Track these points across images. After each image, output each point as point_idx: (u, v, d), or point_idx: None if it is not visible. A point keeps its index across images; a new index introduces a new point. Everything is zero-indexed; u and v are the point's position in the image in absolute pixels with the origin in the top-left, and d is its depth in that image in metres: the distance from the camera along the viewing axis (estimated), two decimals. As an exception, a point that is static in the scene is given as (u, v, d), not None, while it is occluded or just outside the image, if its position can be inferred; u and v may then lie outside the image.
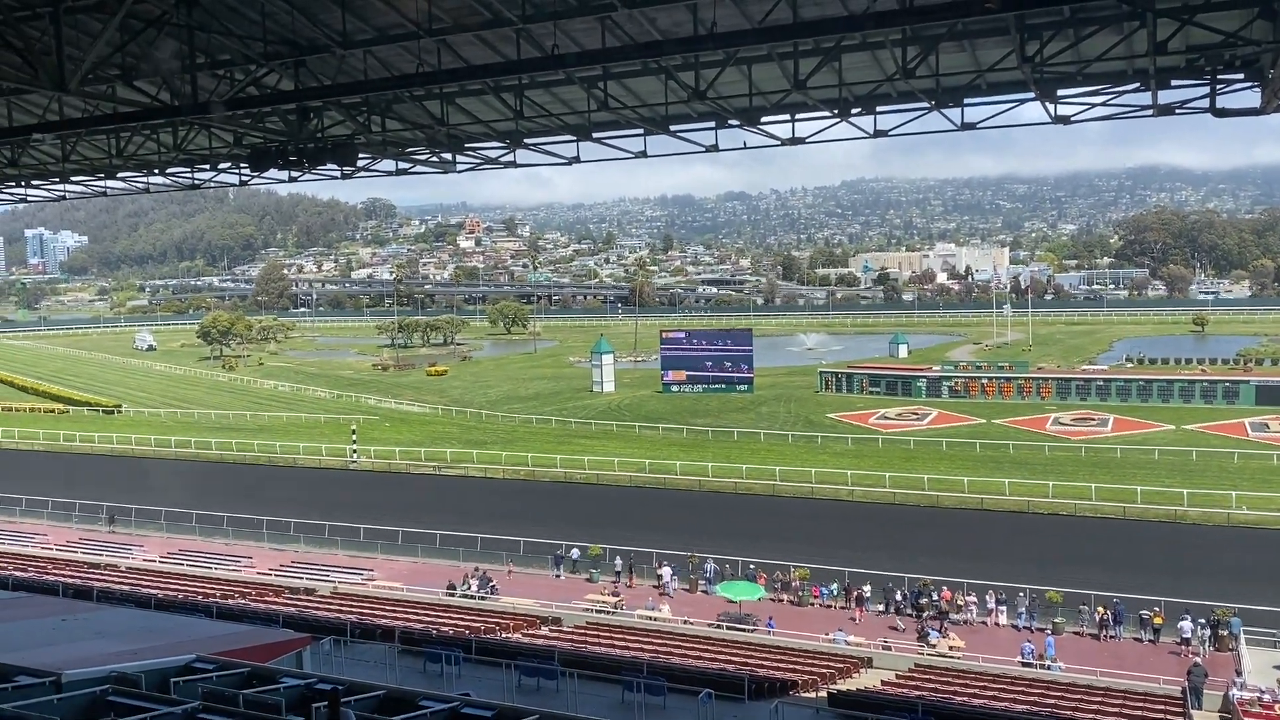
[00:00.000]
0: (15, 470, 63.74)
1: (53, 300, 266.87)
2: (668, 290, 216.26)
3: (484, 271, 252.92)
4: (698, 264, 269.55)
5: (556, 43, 16.06)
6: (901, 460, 57.89)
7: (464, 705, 13.35)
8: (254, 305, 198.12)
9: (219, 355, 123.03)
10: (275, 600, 36.47)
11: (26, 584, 34.48)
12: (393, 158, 24.29)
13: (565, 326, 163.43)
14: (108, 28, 15.08)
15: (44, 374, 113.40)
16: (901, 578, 37.28)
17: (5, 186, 30.87)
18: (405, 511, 49.16)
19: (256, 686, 13.82)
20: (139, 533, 49.47)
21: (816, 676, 27.79)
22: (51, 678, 13.35)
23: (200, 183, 28.87)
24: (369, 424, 75.39)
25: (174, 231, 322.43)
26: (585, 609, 36.65)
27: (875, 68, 18.26)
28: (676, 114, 20.28)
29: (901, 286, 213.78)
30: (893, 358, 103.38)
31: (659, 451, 62.34)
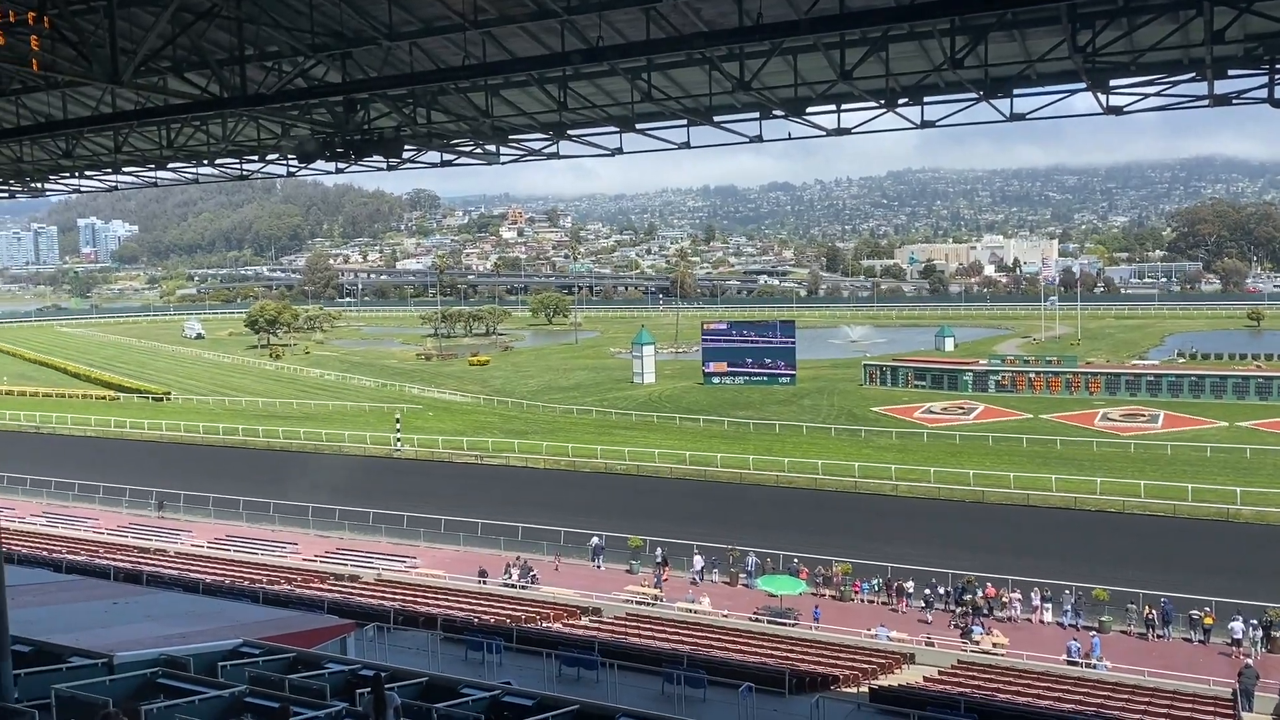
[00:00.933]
0: (68, 455, 65.09)
1: (104, 288, 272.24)
2: (709, 281, 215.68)
3: (526, 262, 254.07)
4: (740, 255, 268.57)
5: (601, 34, 16.02)
6: (947, 455, 57.31)
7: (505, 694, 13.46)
8: (300, 295, 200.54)
9: (266, 344, 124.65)
10: (320, 586, 36.96)
11: (79, 567, 35.26)
12: (438, 149, 24.42)
13: (606, 317, 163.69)
14: (160, 20, 15.29)
15: (96, 361, 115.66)
16: (945, 573, 36.94)
17: (59, 177, 31.48)
18: (447, 500, 49.56)
19: (302, 671, 14.03)
20: (187, 518, 50.35)
21: (858, 672, 27.65)
22: (104, 659, 13.64)
23: (248, 173, 29.23)
24: (412, 413, 76.03)
25: (222, 221, 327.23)
26: (625, 600, 36.76)
27: (923, 58, 18.03)
28: (720, 105, 20.18)
29: (948, 279, 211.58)
30: (939, 351, 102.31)
31: (700, 443, 62.25)
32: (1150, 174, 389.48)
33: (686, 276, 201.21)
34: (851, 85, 17.70)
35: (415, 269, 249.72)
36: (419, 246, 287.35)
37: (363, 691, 12.96)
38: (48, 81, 20.85)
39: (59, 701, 11.83)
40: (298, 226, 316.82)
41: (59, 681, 12.34)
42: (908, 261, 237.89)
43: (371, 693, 12.16)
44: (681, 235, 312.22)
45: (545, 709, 12.72)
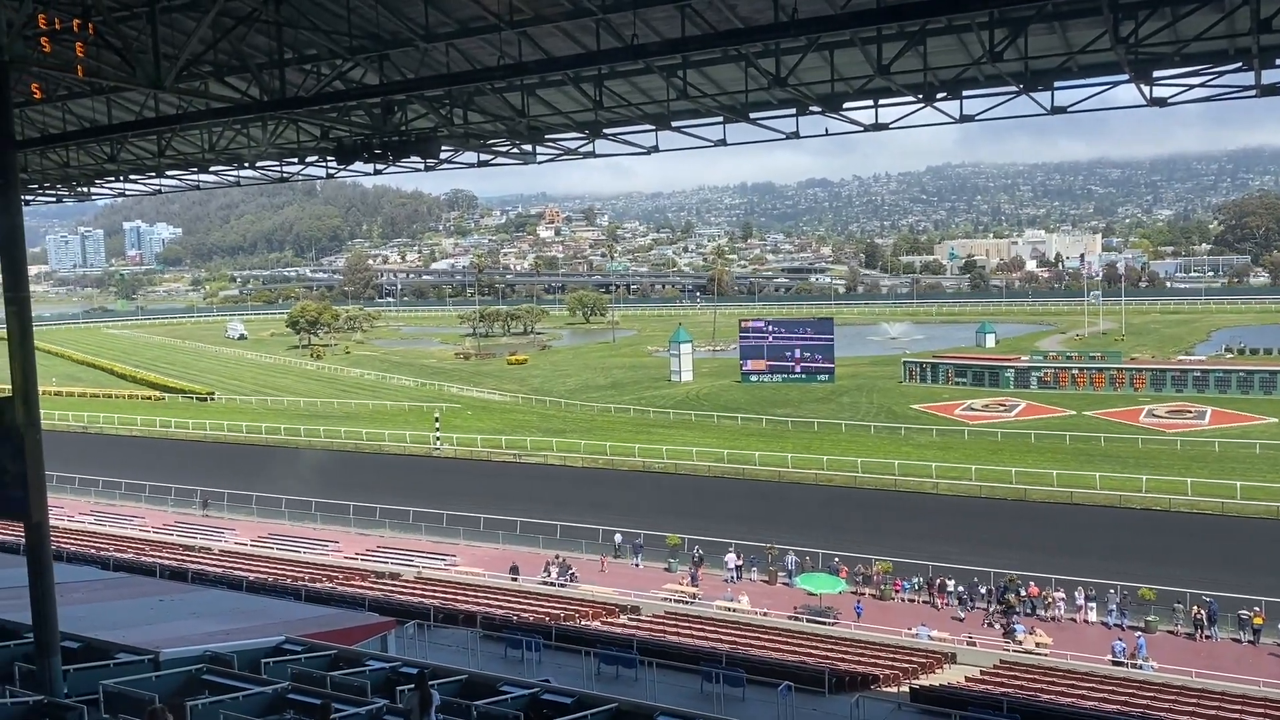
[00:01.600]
0: (115, 455, 66.23)
1: (149, 290, 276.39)
2: (747, 279, 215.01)
3: (563, 261, 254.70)
4: (778, 252, 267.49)
5: (636, 32, 16.00)
6: (988, 453, 56.72)
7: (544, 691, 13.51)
8: (340, 295, 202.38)
9: (307, 344, 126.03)
10: (361, 584, 37.31)
11: (126, 565, 35.87)
12: (474, 150, 24.53)
13: (643, 316, 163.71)
14: (201, 25, 15.49)
15: (141, 362, 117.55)
16: (987, 572, 36.60)
17: (105, 181, 32.02)
18: (486, 498, 49.83)
19: (343, 668, 14.17)
20: (231, 516, 51.03)
21: (898, 671, 27.44)
22: (150, 655, 13.86)
23: (289, 175, 29.55)
24: (451, 411, 76.53)
25: (264, 223, 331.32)
26: (664, 599, 36.75)
27: (961, 51, 17.82)
28: (757, 101, 20.07)
29: (989, 274, 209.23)
30: (979, 347, 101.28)
31: (738, 441, 62.08)
32: (1196, 166, 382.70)
33: (724, 274, 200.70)
34: (889, 80, 17.54)
35: (453, 269, 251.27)
36: (457, 246, 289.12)
37: (404, 689, 13.06)
38: (93, 87, 21.24)
39: (107, 697, 12.04)
40: (337, 228, 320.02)
41: (107, 677, 12.55)
42: (948, 257, 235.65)
43: (416, 690, 12.25)
44: (719, 233, 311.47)
45: (584, 707, 12.75)
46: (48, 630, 12.53)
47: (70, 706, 11.68)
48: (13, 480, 12.19)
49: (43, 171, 29.67)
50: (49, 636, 12.52)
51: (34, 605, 12.57)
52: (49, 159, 28.42)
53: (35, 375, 12.49)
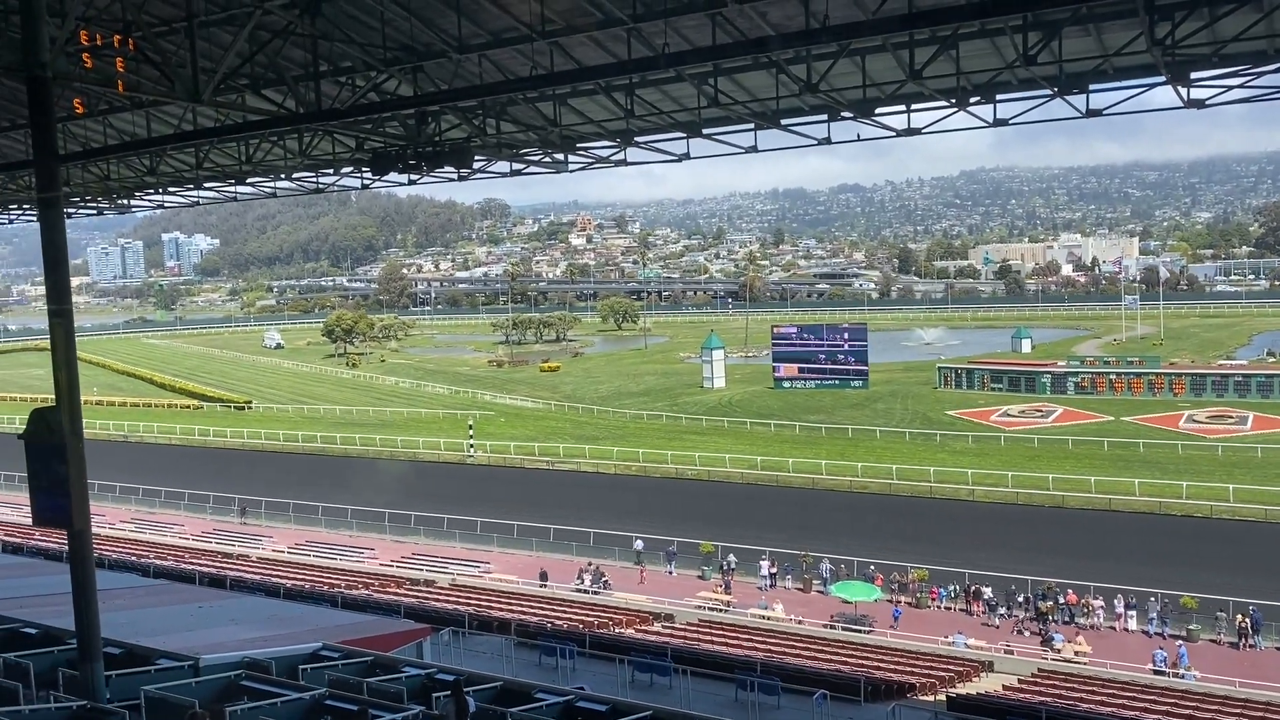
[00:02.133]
0: (155, 463, 67.08)
1: (188, 301, 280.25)
2: (779, 285, 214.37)
3: (595, 268, 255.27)
4: (810, 258, 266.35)
5: (667, 41, 16.06)
6: (1025, 459, 56.14)
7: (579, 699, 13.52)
8: (376, 304, 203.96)
9: (343, 353, 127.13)
10: (396, 591, 37.53)
11: (166, 572, 36.32)
12: (507, 159, 24.71)
13: (675, 322, 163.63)
14: (237, 39, 15.75)
15: (180, 371, 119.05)
16: (1024, 580, 36.19)
17: (145, 194, 32.56)
18: (519, 505, 49.96)
19: (379, 675, 14.26)
20: (268, 524, 51.51)
21: (935, 680, 27.20)
22: (190, 661, 14.02)
23: (324, 186, 29.89)
24: (485, 419, 76.89)
25: (300, 233, 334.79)
26: (697, 606, 36.68)
27: (995, 55, 17.72)
28: (788, 108, 20.08)
29: (1024, 279, 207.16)
30: (1015, 353, 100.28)
31: (771, 448, 61.87)
32: (1235, 168, 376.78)
33: (756, 280, 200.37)
34: (921, 85, 17.48)
35: (486, 277, 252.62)
36: (490, 255, 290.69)
37: (439, 695, 13.13)
38: (132, 102, 21.63)
39: (148, 702, 12.19)
40: (372, 237, 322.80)
41: (147, 683, 12.72)
42: (982, 262, 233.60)
43: (451, 696, 12.32)
44: (750, 239, 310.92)
45: (619, 715, 12.75)
46: (90, 636, 12.73)
47: (112, 712, 11.85)
48: (56, 488, 12.41)
49: (84, 184, 30.21)
50: (91, 642, 12.72)
51: (77, 611, 12.77)
52: (90, 172, 28.94)
53: (78, 385, 12.71)
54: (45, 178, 12.91)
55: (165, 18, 17.01)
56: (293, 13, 16.40)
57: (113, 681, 12.82)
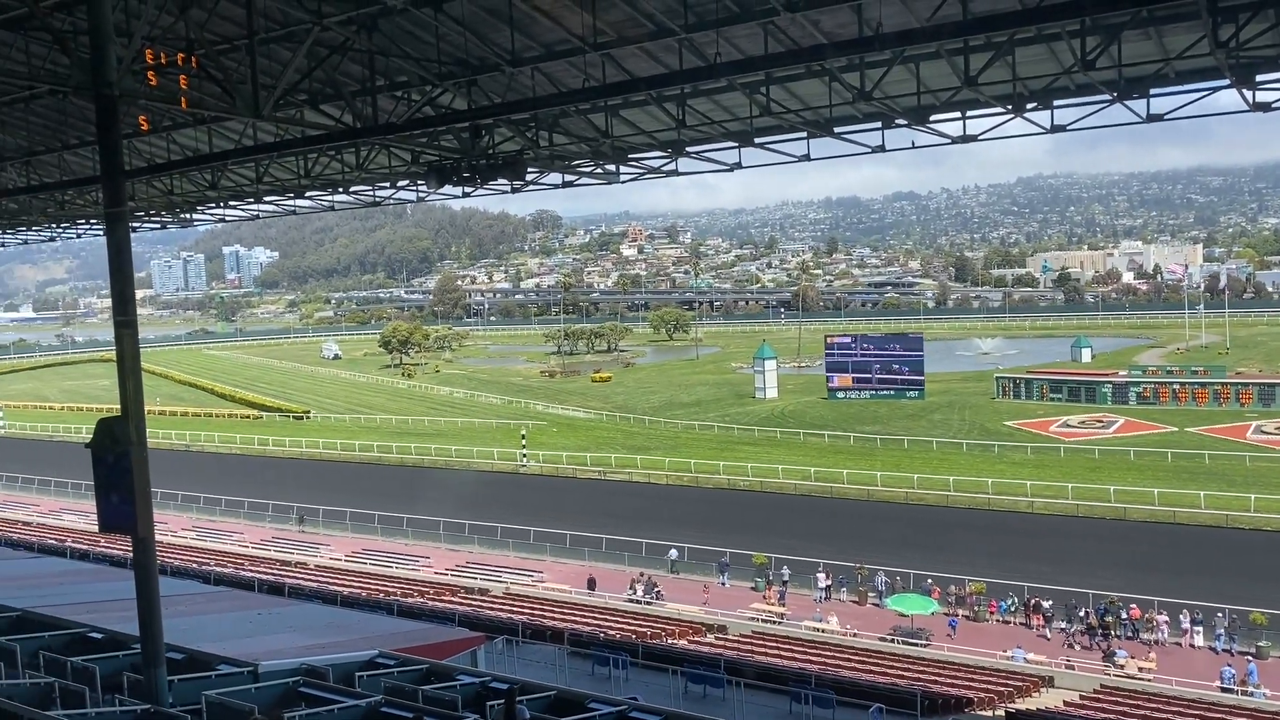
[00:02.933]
0: (216, 472, 68.36)
1: (248, 312, 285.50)
2: (833, 294, 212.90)
3: (646, 279, 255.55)
4: (864, 266, 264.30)
5: (719, 51, 16.06)
6: (1085, 470, 55.06)
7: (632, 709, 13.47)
8: (431, 315, 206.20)
9: (399, 363, 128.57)
10: (451, 599, 37.81)
11: (226, 579, 36.95)
12: (559, 171, 24.87)
13: (727, 332, 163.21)
14: (296, 55, 16.05)
15: (240, 382, 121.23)
16: (1085, 593, 35.46)
17: (206, 207, 33.28)
18: (572, 515, 50.09)
19: (435, 683, 14.34)
20: (326, 532, 52.21)
21: (993, 694, 26.75)
22: (249, 668, 14.22)
23: (381, 199, 30.31)
24: (537, 429, 77.24)
25: (357, 246, 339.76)
26: (750, 618, 36.46)
27: (1052, 61, 17.47)
28: (841, 115, 19.95)
29: (1084, 287, 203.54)
30: (1075, 362, 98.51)
31: (825, 459, 61.36)
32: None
33: (809, 290, 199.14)
34: (977, 91, 17.27)
35: (539, 288, 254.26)
36: (542, 266, 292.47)
37: (493, 704, 13.18)
38: (195, 118, 22.14)
39: (209, 707, 12.39)
40: (427, 249, 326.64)
41: (208, 688, 12.92)
42: (1041, 270, 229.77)
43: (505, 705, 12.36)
44: (803, 248, 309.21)
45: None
46: (153, 642, 12.98)
47: (175, 716, 12.05)
48: (122, 496, 12.68)
49: (149, 199, 30.95)
50: (155, 648, 12.97)
51: (141, 617, 13.02)
52: (154, 187, 29.65)
53: (142, 395, 12.98)
54: (112, 193, 13.24)
55: (227, 35, 17.41)
56: (350, 29, 16.69)
57: (175, 686, 13.05)
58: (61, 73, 18.02)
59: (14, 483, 66.65)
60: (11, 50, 18.11)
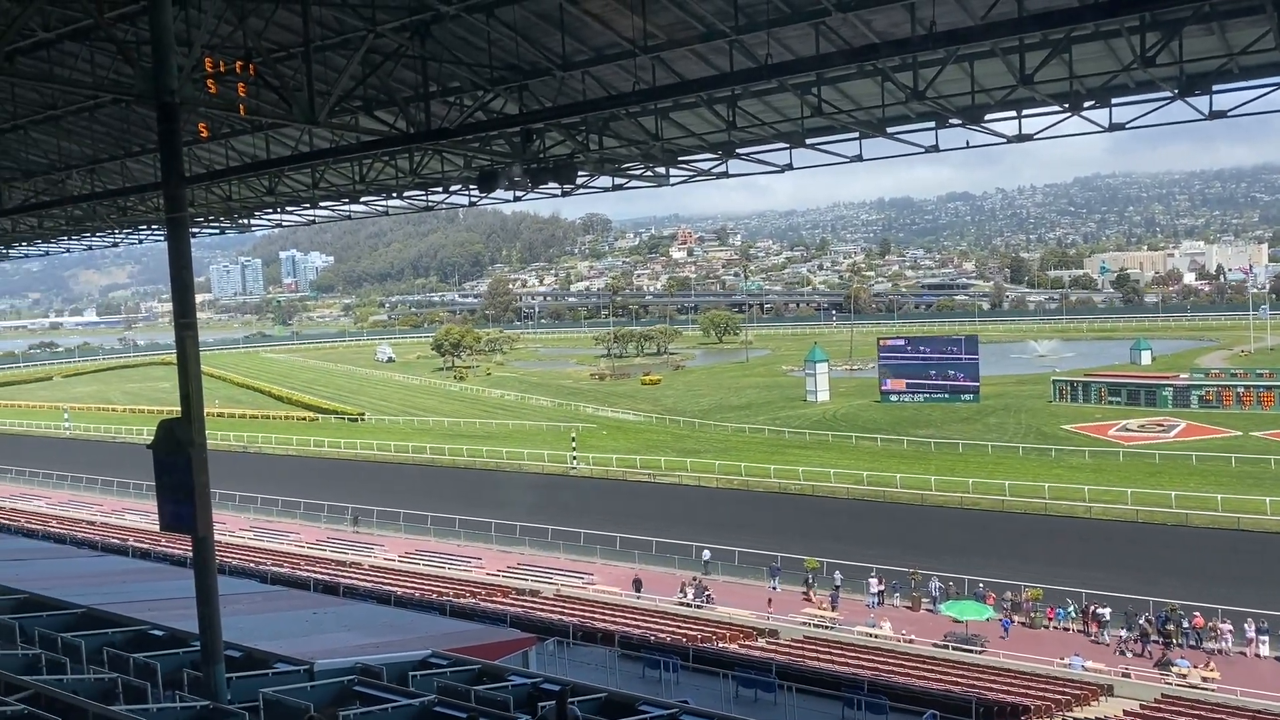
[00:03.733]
0: (272, 473, 69.49)
1: (304, 316, 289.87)
2: (885, 296, 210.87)
3: (696, 281, 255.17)
4: (917, 268, 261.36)
5: (769, 52, 15.98)
6: (1145, 475, 53.92)
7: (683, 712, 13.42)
8: (482, 318, 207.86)
9: (451, 366, 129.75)
10: (503, 600, 38.05)
11: (282, 579, 37.54)
12: (609, 174, 24.92)
13: (778, 335, 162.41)
14: (351, 62, 16.28)
15: (297, 384, 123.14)
16: (1146, 601, 34.74)
17: (263, 213, 33.86)
18: (622, 517, 50.16)
19: (487, 683, 14.42)
20: (380, 533, 52.84)
21: (1050, 703, 26.28)
22: (305, 666, 14.42)
23: (434, 204, 30.61)
24: (587, 431, 77.48)
25: (410, 250, 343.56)
26: (802, 623, 36.22)
27: (1110, 58, 17.14)
28: (894, 115, 19.75)
29: (1143, 288, 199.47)
30: (1134, 365, 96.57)
31: (877, 463, 60.81)
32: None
33: (861, 292, 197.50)
34: (1033, 90, 17.00)
35: (588, 291, 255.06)
36: (592, 269, 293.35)
37: (545, 705, 13.22)
38: (253, 125, 22.54)
39: (266, 704, 12.57)
40: (479, 253, 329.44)
41: (266, 686, 13.11)
42: (1099, 271, 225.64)
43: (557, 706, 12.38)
44: (855, 249, 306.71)
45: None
46: (213, 639, 13.21)
47: (233, 713, 12.25)
48: (182, 496, 12.93)
49: (208, 205, 31.57)
50: (214, 645, 13.19)
51: (200, 616, 13.25)
52: (213, 193, 30.23)
53: (202, 397, 13.22)
54: (173, 199, 13.51)
55: (283, 43, 17.70)
56: (403, 36, 16.88)
57: (234, 683, 13.26)
58: (125, 82, 18.46)
59: (79, 483, 68.34)
60: (77, 61, 18.58)
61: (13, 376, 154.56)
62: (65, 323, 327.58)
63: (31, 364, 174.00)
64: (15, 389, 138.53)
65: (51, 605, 17.88)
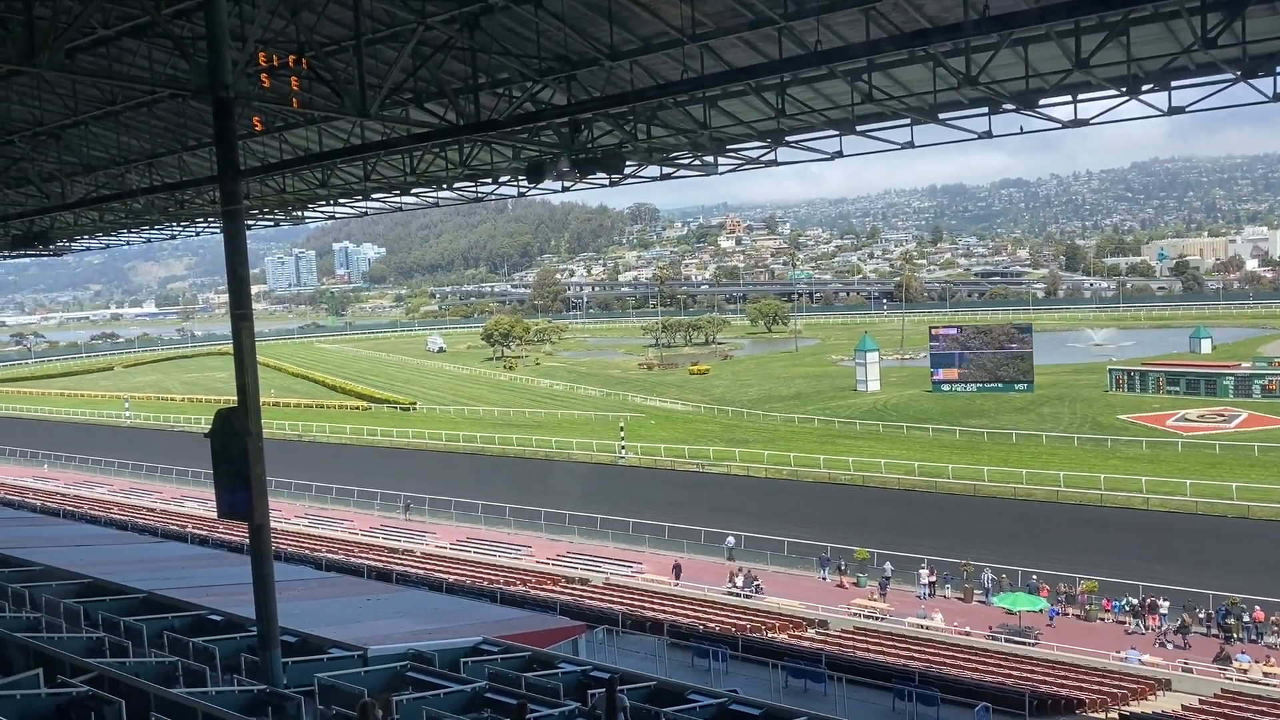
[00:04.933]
0: (326, 461, 70.51)
1: (356, 307, 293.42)
2: (938, 284, 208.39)
3: (744, 270, 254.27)
4: (970, 256, 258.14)
5: (819, 38, 15.84)
6: (1204, 466, 52.80)
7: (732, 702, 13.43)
8: (531, 309, 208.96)
9: (500, 356, 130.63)
10: (552, 588, 38.31)
11: (336, 565, 38.14)
12: (657, 163, 24.87)
13: (827, 324, 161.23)
14: (401, 55, 16.42)
15: (350, 374, 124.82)
16: (1205, 594, 34.07)
17: (317, 205, 34.28)
18: (670, 507, 50.20)
19: (537, 670, 14.54)
20: (431, 520, 53.42)
21: (1106, 696, 25.91)
22: (359, 651, 14.65)
23: (483, 195, 30.78)
24: (635, 421, 77.62)
25: (460, 241, 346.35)
26: (852, 614, 36.04)
27: (1170, 39, 16.74)
28: (946, 101, 19.46)
29: (1203, 275, 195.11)
30: (1194, 354, 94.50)
31: (929, 453, 60.21)
32: None
33: (912, 280, 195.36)
34: (1089, 74, 16.66)
35: (636, 281, 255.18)
36: (640, 259, 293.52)
37: (594, 692, 13.30)
38: (306, 118, 22.83)
39: (321, 689, 12.81)
40: (528, 244, 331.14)
41: (321, 671, 13.35)
42: (1157, 258, 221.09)
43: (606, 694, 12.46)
44: (906, 237, 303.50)
45: (773, 719, 12.62)
46: (269, 625, 13.46)
47: (289, 696, 12.49)
48: (239, 484, 13.18)
49: (262, 198, 32.02)
50: (270, 631, 13.45)
51: (257, 601, 13.51)
52: (268, 186, 30.67)
53: (258, 387, 13.45)
54: (228, 192, 13.74)
55: (335, 37, 17.89)
56: (453, 28, 16.99)
57: (289, 668, 13.51)
58: (181, 77, 18.77)
59: (139, 471, 69.94)
60: (135, 57, 18.94)
61: (76, 366, 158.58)
62: (125, 314, 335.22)
63: (94, 354, 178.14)
64: (78, 379, 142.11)
65: (114, 590, 18.34)
